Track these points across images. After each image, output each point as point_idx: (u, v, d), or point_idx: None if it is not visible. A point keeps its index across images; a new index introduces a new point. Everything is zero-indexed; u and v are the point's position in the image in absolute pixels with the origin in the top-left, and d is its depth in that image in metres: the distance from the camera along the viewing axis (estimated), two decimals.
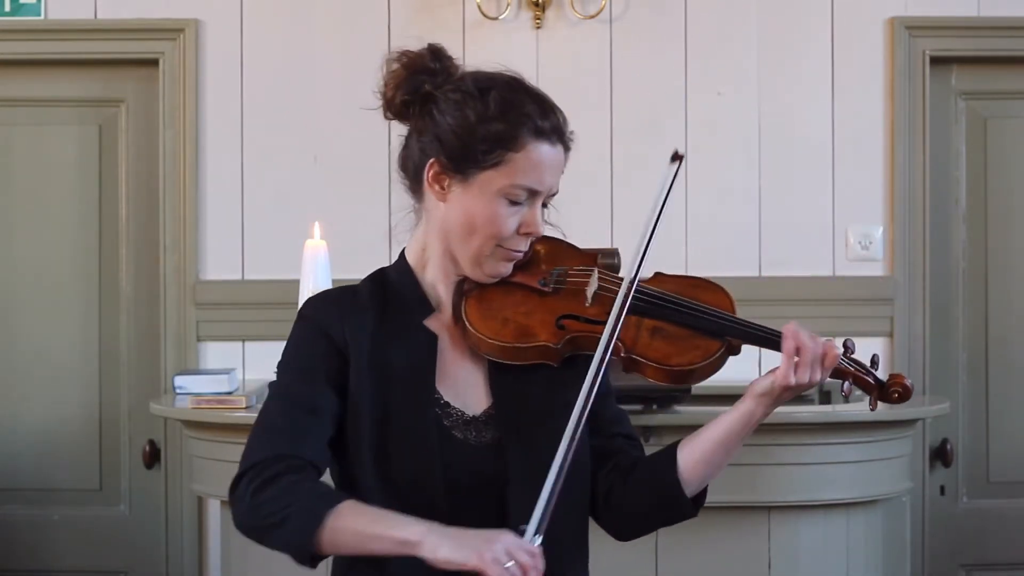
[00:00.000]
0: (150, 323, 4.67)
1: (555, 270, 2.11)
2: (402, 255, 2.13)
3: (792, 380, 1.99)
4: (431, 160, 2.03)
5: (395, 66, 2.07)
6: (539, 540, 1.87)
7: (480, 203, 2.01)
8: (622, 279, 2.07)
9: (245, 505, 1.95)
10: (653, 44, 4.61)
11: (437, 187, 2.04)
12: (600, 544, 2.22)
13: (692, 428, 3.34)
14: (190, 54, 4.58)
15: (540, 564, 1.84)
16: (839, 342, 2.07)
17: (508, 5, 4.57)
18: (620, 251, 3.38)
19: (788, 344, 2.00)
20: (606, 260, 2.14)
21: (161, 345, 4.61)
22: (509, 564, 1.81)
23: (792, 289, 4.57)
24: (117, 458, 4.68)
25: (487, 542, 1.83)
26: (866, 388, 2.07)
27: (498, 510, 1.97)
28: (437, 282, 2.08)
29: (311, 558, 1.93)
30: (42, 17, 4.62)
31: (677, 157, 2.30)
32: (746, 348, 2.12)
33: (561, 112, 2.07)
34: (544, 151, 2.02)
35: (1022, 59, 4.68)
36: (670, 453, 2.07)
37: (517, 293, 2.07)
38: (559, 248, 2.16)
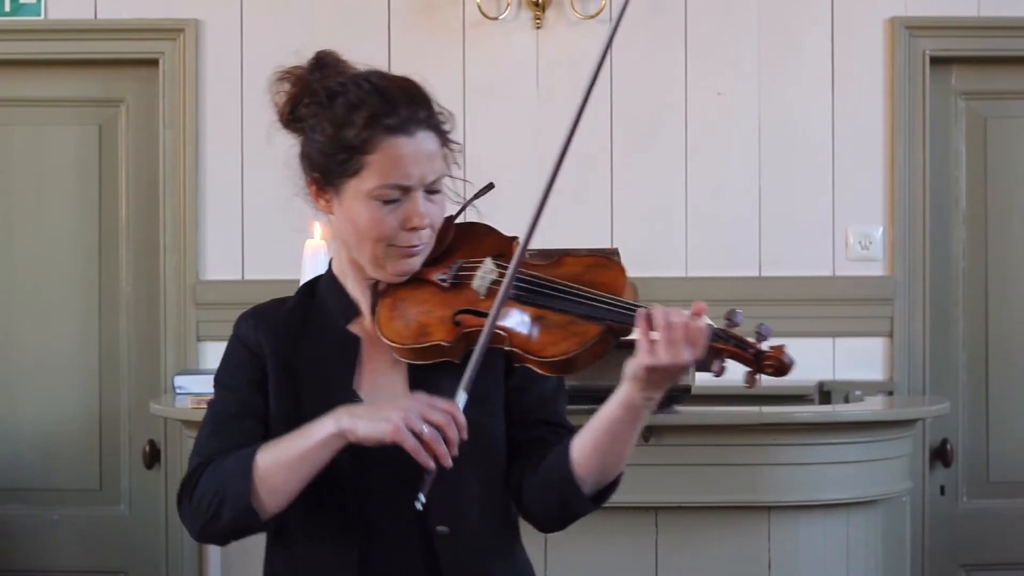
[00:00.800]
0: (150, 323, 4.67)
1: (455, 264, 2.05)
2: (330, 263, 2.15)
3: (649, 361, 1.85)
4: (308, 178, 2.06)
5: (285, 86, 2.09)
6: (464, 398, 1.90)
7: (356, 210, 1.99)
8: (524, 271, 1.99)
9: (188, 514, 2.00)
10: (653, 44, 4.61)
11: (322, 201, 2.05)
12: (600, 544, 2.22)
13: (692, 428, 3.38)
14: (190, 54, 4.58)
15: (461, 420, 1.88)
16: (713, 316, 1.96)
17: (508, 5, 4.57)
18: (620, 251, 3.38)
19: (640, 325, 1.87)
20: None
21: (161, 345, 4.61)
22: (424, 429, 1.85)
23: (792, 289, 4.57)
24: (117, 458, 4.68)
25: (399, 410, 1.87)
26: (745, 363, 1.92)
27: (411, 505, 1.93)
28: (355, 287, 2.08)
29: (262, 520, 1.95)
30: (42, 17, 4.62)
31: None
32: None
33: (416, 99, 2.03)
34: (399, 145, 1.98)
35: (1022, 59, 4.67)
36: (567, 445, 1.99)
37: (424, 291, 2.03)
38: (478, 237, 2.10)
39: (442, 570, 1.99)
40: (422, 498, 1.87)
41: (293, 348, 2.05)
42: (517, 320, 1.96)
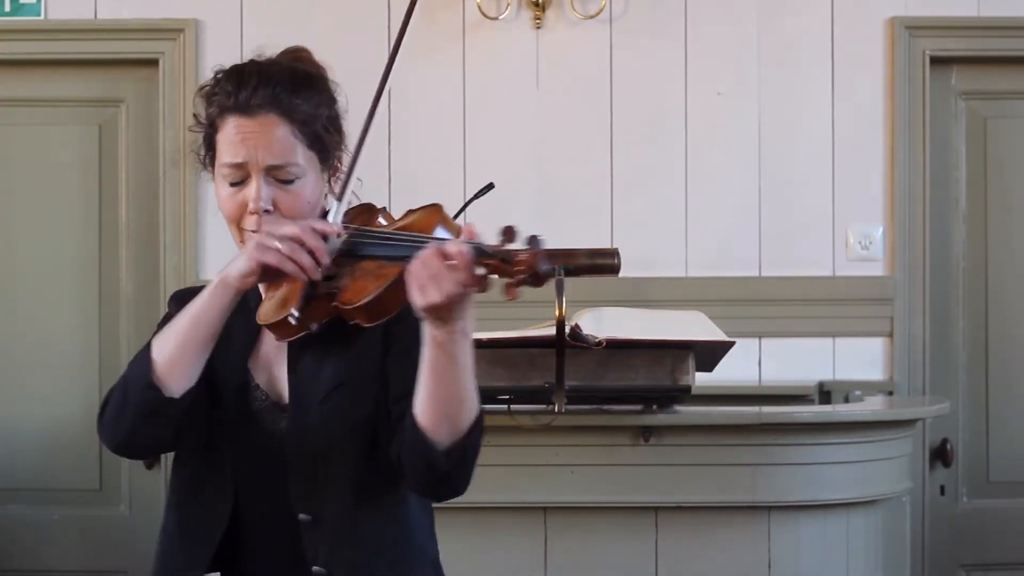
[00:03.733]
0: (150, 323, 4.63)
1: None
2: None
3: (420, 301, 1.77)
4: (196, 154, 2.11)
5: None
6: (339, 218, 1.96)
7: (217, 189, 2.06)
8: (349, 230, 1.99)
9: (103, 426, 2.03)
10: (653, 44, 4.61)
11: (213, 181, 2.11)
12: (600, 544, 2.22)
13: (692, 428, 3.38)
14: (190, 54, 4.58)
15: (321, 226, 1.93)
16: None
17: (508, 5, 4.57)
18: (620, 251, 3.37)
19: (411, 267, 1.79)
20: (603, 260, 2.04)
21: None
22: (281, 245, 1.91)
23: (792, 289, 4.57)
24: (117, 458, 4.66)
25: (253, 240, 1.96)
26: (507, 275, 1.77)
27: (283, 491, 1.98)
28: None
29: (167, 397, 1.96)
30: (42, 17, 4.62)
31: None
32: (746, 342, 2.06)
33: (277, 82, 2.01)
34: (237, 124, 2.00)
35: (1022, 59, 4.68)
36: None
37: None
38: (353, 212, 2.07)
39: (305, 557, 1.99)
40: (294, 312, 1.91)
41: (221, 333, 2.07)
42: (343, 277, 1.94)
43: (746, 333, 4.33)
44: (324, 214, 2.06)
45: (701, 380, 3.36)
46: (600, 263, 2.10)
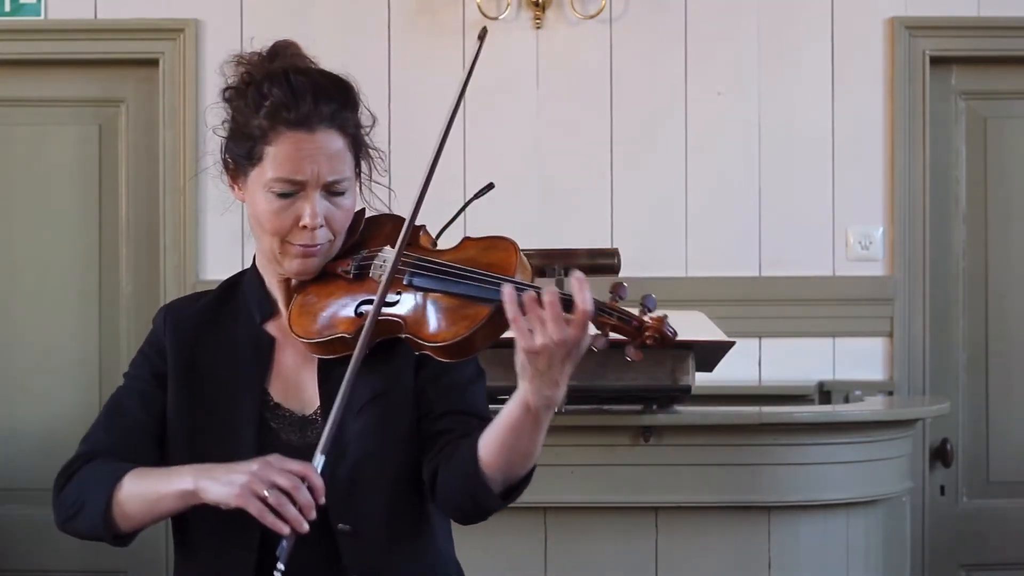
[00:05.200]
0: (150, 323, 4.65)
1: (358, 255, 2.00)
2: (255, 255, 2.10)
3: (524, 343, 1.74)
4: (223, 164, 2.06)
5: (238, 69, 2.06)
6: (320, 460, 1.84)
7: (257, 200, 1.98)
8: (409, 256, 1.94)
9: (55, 505, 2.01)
10: (653, 44, 4.61)
11: (236, 190, 2.05)
12: (600, 544, 2.21)
13: (692, 428, 3.37)
14: (190, 54, 4.58)
15: (317, 483, 1.82)
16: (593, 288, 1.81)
17: (508, 5, 4.57)
18: (620, 251, 3.38)
19: (508, 306, 1.75)
20: (603, 260, 2.06)
21: None
22: (269, 493, 1.79)
23: (792, 289, 4.57)
24: None
25: (248, 472, 1.82)
26: (629, 336, 1.82)
27: (319, 514, 1.89)
28: (271, 281, 2.06)
29: (115, 537, 1.97)
30: (42, 17, 4.62)
31: (482, 35, 2.10)
32: (747, 342, 2.04)
33: (331, 96, 1.98)
34: (298, 140, 1.94)
35: (1022, 59, 4.68)
36: (475, 439, 1.90)
37: (332, 285, 1.99)
38: (384, 228, 2.04)
39: (344, 567, 1.96)
40: (280, 566, 1.81)
41: (199, 346, 2.03)
42: (411, 306, 1.91)
43: (746, 333, 4.33)
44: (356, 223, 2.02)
45: (701, 380, 3.36)
46: (600, 263, 2.10)
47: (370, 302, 1.91)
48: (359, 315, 1.93)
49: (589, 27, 4.58)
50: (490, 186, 3.67)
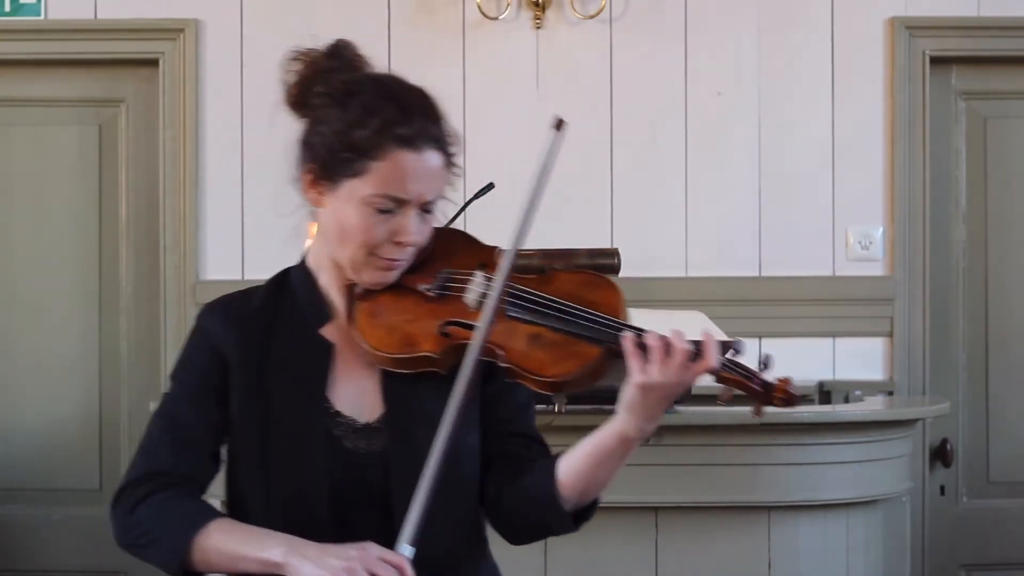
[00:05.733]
0: (150, 323, 4.67)
1: (441, 273, 1.99)
2: (304, 256, 2.10)
3: (639, 379, 1.84)
4: (306, 166, 2.02)
5: (296, 65, 2.05)
6: (410, 551, 1.83)
7: (348, 211, 1.95)
8: (517, 286, 1.95)
9: (120, 523, 1.99)
10: (653, 44, 4.61)
11: (314, 193, 2.02)
12: (600, 544, 2.22)
13: (692, 428, 3.37)
14: (190, 54, 4.58)
15: (409, 574, 1.82)
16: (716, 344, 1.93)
17: (508, 5, 4.57)
18: (620, 251, 3.38)
19: (627, 344, 1.84)
20: (603, 260, 2.07)
21: (161, 345, 4.61)
22: None
23: (792, 289, 4.57)
24: (117, 458, 4.68)
25: (347, 559, 1.81)
26: (751, 393, 1.93)
27: (384, 521, 1.92)
28: (331, 287, 2.04)
29: (185, 573, 1.94)
30: (42, 17, 4.62)
31: (559, 125, 2.07)
32: (749, 345, 2.06)
33: (433, 117, 1.99)
34: (408, 159, 1.94)
35: (1022, 59, 4.68)
36: (551, 464, 1.95)
37: (406, 299, 1.98)
38: (458, 245, 2.05)
39: None
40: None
41: (263, 351, 1.99)
42: (512, 336, 1.92)
43: (746, 333, 4.32)
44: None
45: (701, 380, 3.35)
46: (600, 263, 2.11)
47: (457, 324, 1.93)
48: (444, 335, 1.93)
49: (589, 27, 4.58)
50: (490, 186, 3.68)
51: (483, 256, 2.02)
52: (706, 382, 2.04)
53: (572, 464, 1.92)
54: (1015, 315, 4.72)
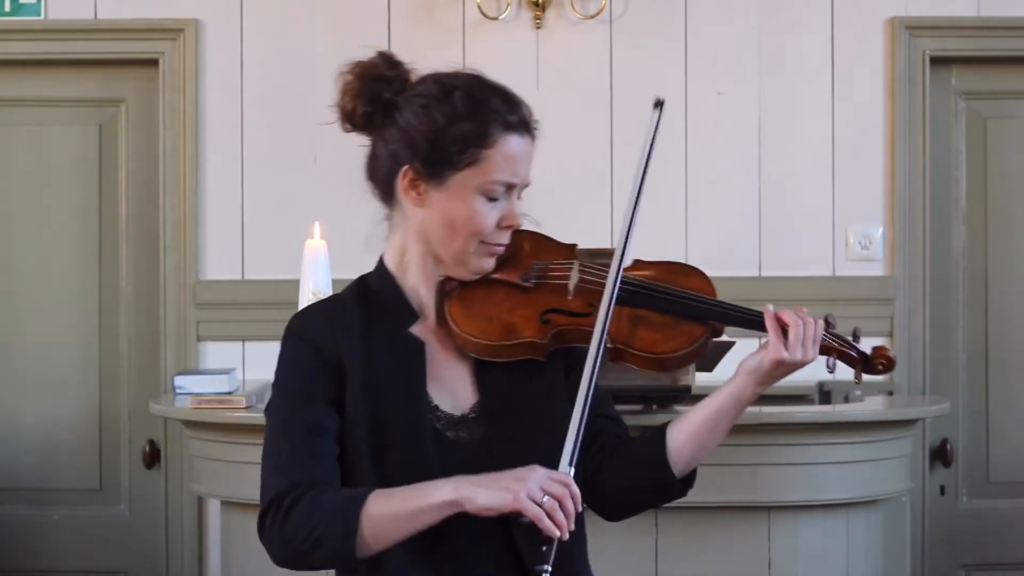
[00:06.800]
0: (150, 323, 4.67)
1: (536, 264, 2.12)
2: (381, 262, 2.14)
3: (783, 355, 2.03)
4: (404, 167, 2.05)
5: (349, 78, 2.12)
6: (571, 472, 1.94)
7: (459, 203, 2.03)
8: (602, 270, 2.10)
9: (276, 540, 1.99)
10: (653, 44, 4.61)
11: (413, 193, 2.05)
12: (600, 544, 2.22)
13: None
14: (190, 54, 4.58)
15: (576, 491, 1.92)
16: (820, 318, 2.10)
17: (508, 5, 4.57)
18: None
19: (770, 322, 2.06)
20: (603, 260, 2.13)
21: (161, 345, 4.61)
22: (544, 499, 1.89)
23: (792, 289, 4.57)
24: (117, 458, 4.68)
25: (519, 480, 1.90)
26: (850, 362, 2.11)
27: (503, 545, 2.00)
28: (419, 286, 2.09)
29: (358, 561, 1.97)
30: (42, 17, 4.62)
31: (659, 104, 2.31)
32: (747, 342, 2.15)
33: (525, 103, 2.10)
34: (515, 144, 2.04)
35: (1022, 59, 4.68)
36: (660, 432, 2.11)
37: (500, 290, 2.09)
38: (539, 241, 2.17)
39: (522, 556, 2.00)
40: (548, 568, 1.91)
41: (367, 355, 2.05)
42: (618, 319, 2.06)
43: (746, 333, 4.32)
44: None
45: (701, 380, 3.35)
46: (600, 263, 2.14)
47: (557, 311, 2.07)
48: (545, 323, 2.06)
49: (589, 27, 4.58)
50: None
51: (565, 250, 2.16)
52: (706, 381, 2.10)
53: (685, 429, 2.09)
54: (1015, 315, 4.72)
